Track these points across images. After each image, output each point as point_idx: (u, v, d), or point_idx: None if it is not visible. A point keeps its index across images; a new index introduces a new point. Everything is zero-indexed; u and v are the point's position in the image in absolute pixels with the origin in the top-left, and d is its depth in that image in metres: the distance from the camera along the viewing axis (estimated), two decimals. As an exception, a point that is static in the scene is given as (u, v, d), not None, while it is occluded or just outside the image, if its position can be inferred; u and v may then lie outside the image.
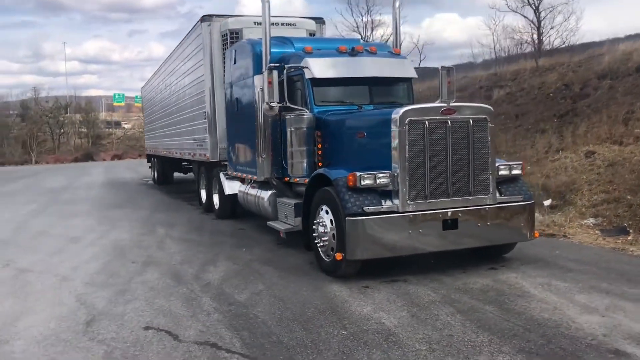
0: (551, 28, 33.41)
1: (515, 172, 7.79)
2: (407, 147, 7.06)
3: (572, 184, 13.03)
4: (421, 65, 10.58)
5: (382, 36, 24.04)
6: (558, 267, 7.63)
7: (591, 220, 11.05)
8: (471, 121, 7.30)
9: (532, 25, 33.70)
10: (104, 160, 53.03)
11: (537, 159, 15.76)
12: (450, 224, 7.25)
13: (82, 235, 11.27)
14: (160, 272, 8.04)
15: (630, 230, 9.86)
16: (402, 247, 7.10)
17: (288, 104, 8.67)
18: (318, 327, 5.62)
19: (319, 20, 13.10)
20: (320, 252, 7.62)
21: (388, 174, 7.10)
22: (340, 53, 9.06)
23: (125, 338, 5.48)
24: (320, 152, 8.57)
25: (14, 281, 7.83)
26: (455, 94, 9.62)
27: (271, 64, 8.66)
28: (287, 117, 8.56)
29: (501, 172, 7.67)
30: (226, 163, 11.93)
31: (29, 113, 76.03)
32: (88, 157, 55.55)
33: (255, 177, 10.00)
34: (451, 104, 7.31)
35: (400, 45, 10.28)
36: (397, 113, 7.11)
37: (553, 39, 33.72)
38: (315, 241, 7.61)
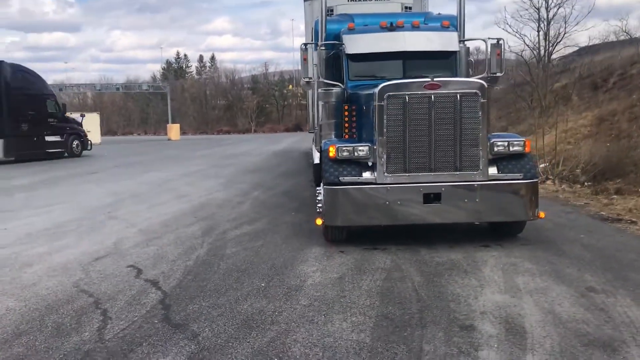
0: None
1: (515, 148, 7.44)
2: (385, 121, 7.30)
3: None
4: (472, 38, 10.10)
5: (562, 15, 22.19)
6: (554, 250, 7.22)
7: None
8: (458, 96, 7.23)
9: None
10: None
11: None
12: (432, 197, 7.33)
13: (192, 194, 13.18)
14: (202, 226, 9.35)
15: None
16: (380, 218, 7.40)
17: (322, 80, 9.25)
18: (248, 279, 6.35)
19: (418, -7, 13.15)
20: None
21: (368, 147, 7.43)
22: (381, 29, 9.34)
23: (105, 271, 6.82)
24: (347, 124, 9.04)
25: (94, 225, 9.77)
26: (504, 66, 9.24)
27: (305, 42, 9.32)
28: (318, 91, 9.20)
29: (497, 149, 7.42)
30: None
31: (258, 87, 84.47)
32: (297, 127, 60.26)
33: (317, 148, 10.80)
34: (436, 79, 7.30)
35: (463, 19, 10.00)
36: (376, 88, 7.37)
37: None
38: (316, 207, 8.24)
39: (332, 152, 7.50)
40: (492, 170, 7.43)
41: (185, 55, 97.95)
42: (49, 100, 26.79)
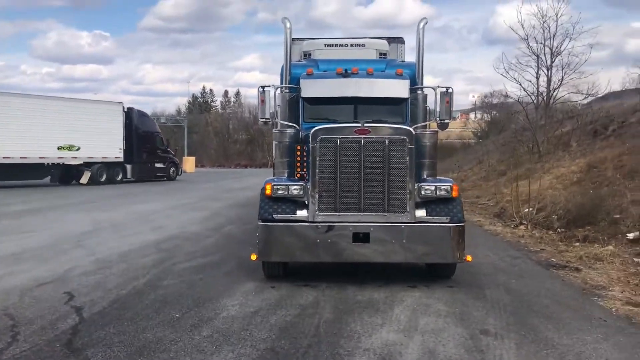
0: None
1: (441, 193, 7.69)
2: (317, 162, 7.64)
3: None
4: (422, 86, 10.39)
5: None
6: (475, 293, 7.38)
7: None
8: (387, 141, 7.55)
9: None
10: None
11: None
12: (361, 237, 7.58)
13: (168, 226, 13.62)
14: (156, 258, 9.68)
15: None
16: (311, 255, 7.65)
17: (277, 120, 9.64)
18: (167, 310, 6.57)
19: (395, 40, 13.47)
20: None
21: (301, 186, 7.75)
22: (336, 75, 9.72)
23: (40, 297, 7.13)
24: (298, 164, 9.37)
25: (58, 252, 10.20)
26: (452, 114, 9.53)
27: (262, 85, 9.75)
28: (273, 131, 9.58)
29: (424, 192, 7.67)
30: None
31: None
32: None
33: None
34: (366, 125, 7.63)
35: (421, 67, 10.33)
36: (310, 131, 7.73)
37: None
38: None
39: (268, 189, 7.83)
40: (421, 213, 7.67)
41: (210, 90, 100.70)
42: (158, 136, 36.17)
